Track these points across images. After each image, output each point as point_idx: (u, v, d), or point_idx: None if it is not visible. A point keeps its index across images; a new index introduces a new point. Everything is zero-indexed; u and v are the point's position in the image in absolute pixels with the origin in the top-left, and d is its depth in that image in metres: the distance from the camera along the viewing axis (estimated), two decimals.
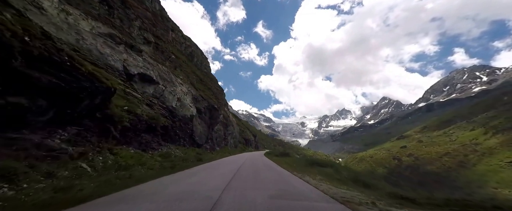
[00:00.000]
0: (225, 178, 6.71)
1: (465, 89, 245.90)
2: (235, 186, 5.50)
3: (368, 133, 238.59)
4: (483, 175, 40.24)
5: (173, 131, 14.65)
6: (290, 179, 7.41)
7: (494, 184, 37.02)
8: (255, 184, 6.11)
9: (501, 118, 64.14)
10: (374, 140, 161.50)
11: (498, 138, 48.31)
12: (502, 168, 39.89)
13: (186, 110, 17.77)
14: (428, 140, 72.72)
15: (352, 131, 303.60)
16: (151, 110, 11.72)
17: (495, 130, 55.98)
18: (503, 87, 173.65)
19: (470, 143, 52.95)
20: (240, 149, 41.75)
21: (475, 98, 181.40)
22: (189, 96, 19.59)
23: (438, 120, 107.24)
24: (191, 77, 24.27)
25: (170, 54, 21.54)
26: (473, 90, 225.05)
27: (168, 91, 15.32)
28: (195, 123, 19.45)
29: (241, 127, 66.93)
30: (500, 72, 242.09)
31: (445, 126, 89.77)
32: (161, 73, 15.41)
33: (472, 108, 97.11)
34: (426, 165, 50.60)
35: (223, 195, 4.41)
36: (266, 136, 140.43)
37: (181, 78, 20.27)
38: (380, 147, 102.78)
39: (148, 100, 12.18)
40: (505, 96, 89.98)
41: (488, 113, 75.96)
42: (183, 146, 16.43)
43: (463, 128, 73.05)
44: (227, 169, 9.04)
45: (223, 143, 30.31)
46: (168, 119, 13.80)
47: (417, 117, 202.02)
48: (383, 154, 71.98)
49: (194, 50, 36.49)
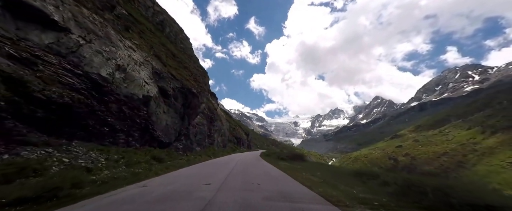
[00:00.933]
0: None
1: (457, 89, 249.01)
2: None
3: (361, 132, 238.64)
4: (484, 176, 37.55)
5: (97, 118, 9.83)
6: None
7: (496, 186, 34.30)
8: None
9: (499, 117, 62.33)
10: (367, 140, 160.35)
11: (498, 137, 45.98)
12: (503, 168, 37.32)
13: (136, 88, 12.61)
14: (424, 139, 70.48)
15: (345, 131, 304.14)
16: (33, 73, 7.20)
17: (493, 129, 53.87)
18: (496, 86, 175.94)
19: (468, 143, 50.58)
20: (231, 149, 37.36)
21: (468, 97, 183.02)
22: (145, 69, 14.23)
23: (432, 119, 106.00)
24: (158, 49, 18.81)
25: (122, 10, 16.71)
26: (465, 89, 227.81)
27: (94, 50, 10.14)
28: (154, 109, 14.29)
29: (232, 124, 61.97)
30: (492, 71, 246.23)
31: (440, 125, 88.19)
32: (83, 20, 10.11)
33: (467, 107, 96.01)
34: (423, 165, 47.88)
35: None
36: (259, 136, 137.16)
37: (136, 43, 15.41)
38: (374, 146, 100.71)
39: (32, 54, 7.34)
40: (501, 95, 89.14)
41: (485, 112, 74.41)
42: (125, 146, 11.99)
43: (459, 127, 71.17)
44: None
45: (207, 141, 25.18)
46: (85, 96, 9.17)
47: (410, 117, 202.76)
48: (378, 154, 69.32)
49: (166, 19, 28.55)
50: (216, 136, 29.36)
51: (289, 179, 7.40)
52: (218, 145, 30.11)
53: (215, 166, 11.32)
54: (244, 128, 78.62)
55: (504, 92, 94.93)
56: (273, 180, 7.20)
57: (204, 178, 7.16)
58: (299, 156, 18.80)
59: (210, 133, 26.97)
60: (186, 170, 9.90)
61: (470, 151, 46.34)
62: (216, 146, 28.17)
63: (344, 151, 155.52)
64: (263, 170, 10.24)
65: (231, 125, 58.87)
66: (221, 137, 33.04)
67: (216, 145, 28.89)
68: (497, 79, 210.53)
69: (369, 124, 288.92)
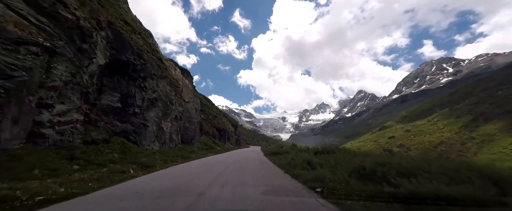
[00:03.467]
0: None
1: (434, 81, 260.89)
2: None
3: (347, 125, 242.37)
4: (489, 165, 34.98)
5: None
6: None
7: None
8: None
9: (486, 104, 61.96)
10: (354, 132, 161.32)
11: (495, 123, 44.23)
12: (508, 156, 34.92)
13: None
14: (415, 129, 69.05)
15: (332, 124, 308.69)
16: None
17: (485, 116, 52.76)
18: (469, 77, 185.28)
19: (463, 131, 48.72)
20: (201, 149, 23.94)
21: (445, 88, 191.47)
22: None
23: (418, 109, 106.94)
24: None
25: None
26: (441, 81, 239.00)
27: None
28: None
29: (214, 112, 50.51)
30: (464, 64, 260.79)
31: (426, 114, 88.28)
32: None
33: (450, 96, 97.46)
34: (421, 156, 45.17)
35: None
36: (249, 131, 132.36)
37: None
38: (363, 138, 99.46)
39: None
40: (482, 83, 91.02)
41: (470, 100, 74.76)
42: None
43: (447, 115, 70.62)
44: None
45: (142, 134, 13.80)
46: None
47: (392, 108, 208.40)
48: (371, 146, 66.71)
49: None
50: (150, 122, 14.78)
51: None
52: (160, 140, 16.72)
53: None
54: (232, 119, 68.38)
55: (484, 80, 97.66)
56: None
57: None
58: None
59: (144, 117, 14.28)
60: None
61: (468, 139, 44.24)
62: (147, 145, 14.38)
63: (332, 144, 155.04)
64: None
65: (212, 113, 47.81)
66: (173, 126, 19.54)
67: (153, 142, 15.34)
68: (468, 71, 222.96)
69: (354, 117, 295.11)
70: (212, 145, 31.31)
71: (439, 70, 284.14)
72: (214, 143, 34.37)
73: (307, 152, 12.13)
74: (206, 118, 40.89)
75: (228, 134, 48.36)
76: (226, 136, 46.22)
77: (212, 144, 32.06)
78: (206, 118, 40.89)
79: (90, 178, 6.26)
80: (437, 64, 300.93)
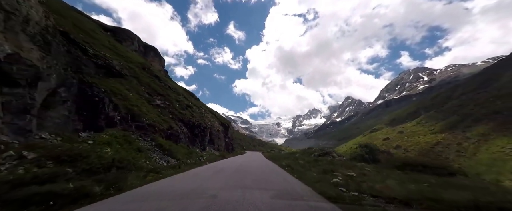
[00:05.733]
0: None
1: (412, 87, 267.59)
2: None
3: (338, 129, 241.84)
4: (490, 165, 32.97)
5: None
6: None
7: (509, 176, 29.63)
8: None
9: (470, 106, 61.60)
10: (346, 135, 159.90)
11: (486, 124, 43.01)
12: (508, 155, 33.17)
13: None
14: (406, 130, 67.61)
15: (324, 128, 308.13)
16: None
17: (472, 118, 51.82)
18: (442, 85, 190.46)
19: (457, 131, 47.28)
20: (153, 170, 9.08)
21: (423, 94, 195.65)
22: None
23: (404, 111, 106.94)
24: None
25: None
26: (419, 88, 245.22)
27: None
28: None
29: (190, 102, 31.46)
30: (436, 73, 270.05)
31: (413, 117, 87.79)
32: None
33: (433, 99, 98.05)
34: (419, 157, 42.97)
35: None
36: (245, 137, 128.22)
37: None
38: (356, 141, 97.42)
39: None
40: (459, 88, 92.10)
41: (453, 102, 74.76)
42: None
43: (434, 117, 69.84)
44: None
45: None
46: None
47: (379, 112, 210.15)
48: None
49: None
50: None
51: None
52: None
53: None
54: (222, 118, 50.07)
55: (461, 86, 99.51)
56: None
57: None
58: None
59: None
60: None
61: (463, 139, 42.63)
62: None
63: (326, 147, 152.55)
64: None
65: (184, 101, 29.12)
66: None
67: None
68: (441, 79, 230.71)
69: (344, 121, 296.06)
70: (188, 153, 16.98)
71: (416, 78, 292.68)
72: (189, 151, 18.88)
73: None
74: (164, 105, 22.59)
75: (211, 135, 31.38)
76: (206, 138, 28.53)
77: (188, 152, 17.41)
78: (164, 105, 22.59)
79: None
80: (414, 73, 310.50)
